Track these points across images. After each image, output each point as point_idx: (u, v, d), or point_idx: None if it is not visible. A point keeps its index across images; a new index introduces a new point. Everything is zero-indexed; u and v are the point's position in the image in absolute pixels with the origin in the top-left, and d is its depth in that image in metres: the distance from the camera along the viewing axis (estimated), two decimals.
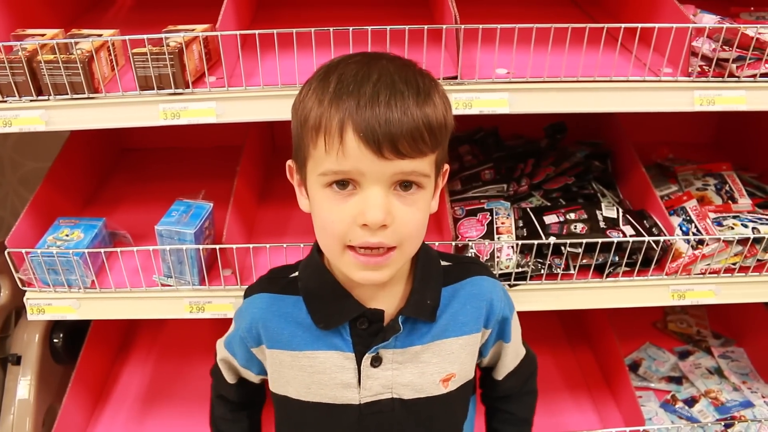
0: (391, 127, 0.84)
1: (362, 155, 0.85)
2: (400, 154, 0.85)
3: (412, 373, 1.04)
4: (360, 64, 0.89)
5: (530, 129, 1.92)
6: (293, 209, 1.74)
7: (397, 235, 0.90)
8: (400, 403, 1.05)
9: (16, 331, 1.79)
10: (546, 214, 1.52)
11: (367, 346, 1.01)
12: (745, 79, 1.31)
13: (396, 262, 0.93)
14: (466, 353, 1.07)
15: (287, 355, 1.05)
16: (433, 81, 0.93)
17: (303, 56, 1.25)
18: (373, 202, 0.87)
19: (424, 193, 0.92)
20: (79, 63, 1.23)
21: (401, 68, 0.90)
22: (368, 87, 0.86)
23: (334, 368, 1.03)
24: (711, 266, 1.47)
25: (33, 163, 2.18)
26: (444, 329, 1.04)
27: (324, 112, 0.87)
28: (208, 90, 1.27)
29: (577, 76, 1.28)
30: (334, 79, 0.88)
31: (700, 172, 1.77)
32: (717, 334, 2.02)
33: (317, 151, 0.88)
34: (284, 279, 1.08)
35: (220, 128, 1.43)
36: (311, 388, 1.05)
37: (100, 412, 1.79)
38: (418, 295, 1.02)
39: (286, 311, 1.04)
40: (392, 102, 0.85)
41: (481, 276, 1.09)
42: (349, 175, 0.87)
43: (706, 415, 1.71)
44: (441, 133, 0.90)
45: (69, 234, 1.44)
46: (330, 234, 0.92)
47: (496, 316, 1.08)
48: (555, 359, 1.95)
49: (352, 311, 1.00)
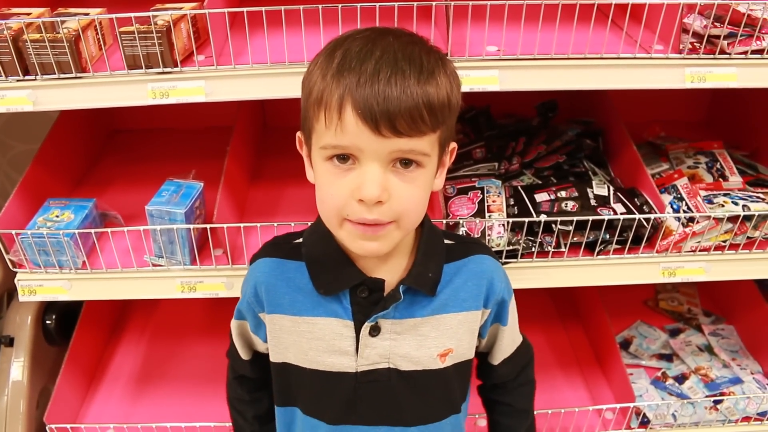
0: (389, 104, 0.84)
1: (360, 132, 0.85)
2: (397, 132, 0.85)
3: (409, 345, 1.05)
4: (366, 40, 0.89)
5: (522, 108, 1.91)
6: (284, 188, 1.75)
7: (394, 211, 0.91)
8: (397, 374, 1.06)
9: (8, 313, 1.79)
10: (537, 192, 1.52)
11: (367, 315, 1.02)
12: (736, 56, 1.30)
13: (392, 235, 0.94)
14: (465, 330, 1.08)
15: (287, 319, 1.06)
16: (440, 59, 0.92)
17: (292, 34, 1.24)
18: (370, 178, 0.88)
19: (423, 171, 0.92)
20: (65, 42, 1.22)
21: (407, 45, 0.89)
22: (370, 64, 0.86)
23: (333, 335, 1.04)
24: (701, 244, 1.47)
25: (22, 145, 2.17)
26: (444, 304, 1.05)
27: (326, 87, 0.88)
28: (197, 69, 1.26)
29: (567, 53, 1.28)
30: (339, 55, 0.89)
31: (691, 150, 1.77)
32: (707, 312, 2.03)
33: (319, 125, 0.90)
34: (288, 244, 1.09)
35: (211, 108, 1.43)
36: (309, 355, 1.06)
37: (94, 392, 1.79)
38: (420, 267, 1.03)
39: (289, 276, 1.06)
40: (393, 80, 0.85)
41: (483, 255, 1.10)
42: (348, 151, 0.88)
43: (696, 392, 1.72)
44: (443, 112, 0.90)
45: (59, 215, 1.44)
46: (328, 206, 0.93)
47: (495, 297, 1.08)
48: (546, 337, 1.96)
49: (353, 278, 1.02)
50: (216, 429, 1.57)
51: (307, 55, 1.24)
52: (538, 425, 1.61)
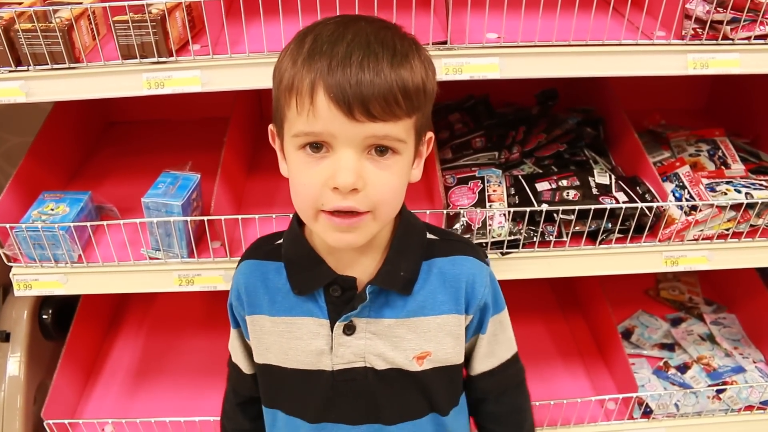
0: (362, 87, 0.82)
1: (333, 117, 0.83)
2: (371, 116, 0.83)
3: (384, 345, 1.03)
4: (337, 25, 0.88)
5: (521, 97, 1.89)
6: (282, 180, 1.71)
7: (370, 200, 0.88)
8: (373, 373, 1.04)
9: (4, 308, 1.77)
10: (538, 181, 1.50)
11: (339, 313, 1.01)
12: (739, 42, 1.28)
13: (369, 226, 0.92)
14: (445, 333, 1.04)
15: (267, 320, 1.05)
16: (413, 45, 0.90)
17: (289, 22, 1.22)
18: (344, 165, 0.85)
19: (399, 159, 0.90)
20: (58, 32, 1.20)
21: (379, 30, 0.88)
22: (341, 47, 0.84)
23: (310, 334, 1.03)
24: (704, 232, 1.46)
25: (16, 138, 2.15)
26: (422, 306, 1.02)
27: (297, 72, 0.86)
28: (193, 58, 1.24)
29: (568, 40, 1.26)
30: (309, 40, 0.87)
31: (692, 138, 1.75)
32: (709, 301, 2.02)
33: (291, 112, 0.88)
34: (268, 246, 1.08)
35: (207, 99, 1.41)
36: (289, 354, 1.05)
37: (92, 387, 1.78)
38: (390, 266, 1.00)
39: (268, 277, 1.05)
40: (365, 63, 0.83)
41: (465, 256, 1.05)
42: (321, 137, 0.86)
43: (699, 381, 1.71)
44: (418, 97, 0.88)
45: (54, 208, 1.42)
46: (303, 198, 0.91)
47: (477, 302, 1.04)
48: (547, 328, 1.95)
49: (325, 277, 1.00)
50: (215, 423, 1.56)
51: None
52: (540, 416, 1.61)
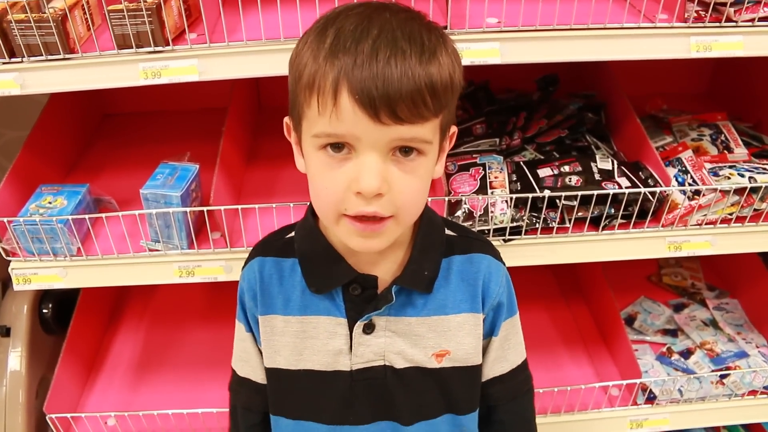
0: (389, 88, 0.77)
1: (357, 119, 0.79)
2: (398, 119, 0.79)
3: (404, 343, 1.01)
4: (361, 17, 0.83)
5: (522, 82, 1.87)
6: (282, 169, 1.72)
7: (394, 205, 0.85)
8: (392, 372, 1.02)
9: (4, 303, 1.76)
10: (540, 167, 1.49)
11: (360, 312, 0.99)
12: (742, 24, 1.27)
13: (392, 231, 0.89)
14: (465, 333, 1.02)
15: (280, 320, 1.02)
16: (441, 36, 0.86)
17: (287, 9, 1.21)
18: (368, 169, 0.82)
19: (425, 160, 0.86)
20: (52, 22, 1.18)
21: (406, 22, 0.83)
22: (367, 43, 0.79)
23: (326, 334, 1.00)
24: (707, 217, 1.45)
25: (12, 132, 2.13)
26: (442, 305, 1.01)
27: (318, 69, 0.81)
28: (189, 47, 1.22)
29: (570, 23, 1.24)
30: (331, 33, 0.82)
31: (694, 123, 1.74)
32: (711, 287, 2.02)
33: (311, 111, 0.83)
34: (280, 241, 1.05)
35: (204, 90, 1.39)
36: (303, 355, 1.02)
37: (93, 381, 1.77)
38: (415, 265, 0.98)
39: (283, 274, 1.02)
40: (392, 61, 0.78)
41: (483, 254, 1.04)
42: (344, 139, 0.82)
43: (702, 367, 1.71)
44: (446, 95, 0.84)
45: (52, 201, 1.41)
46: (324, 201, 0.88)
47: (491, 300, 1.03)
48: (550, 314, 1.95)
49: (344, 276, 0.98)
50: (218, 415, 1.56)
51: (303, 30, 1.19)
52: (544, 403, 1.61)
